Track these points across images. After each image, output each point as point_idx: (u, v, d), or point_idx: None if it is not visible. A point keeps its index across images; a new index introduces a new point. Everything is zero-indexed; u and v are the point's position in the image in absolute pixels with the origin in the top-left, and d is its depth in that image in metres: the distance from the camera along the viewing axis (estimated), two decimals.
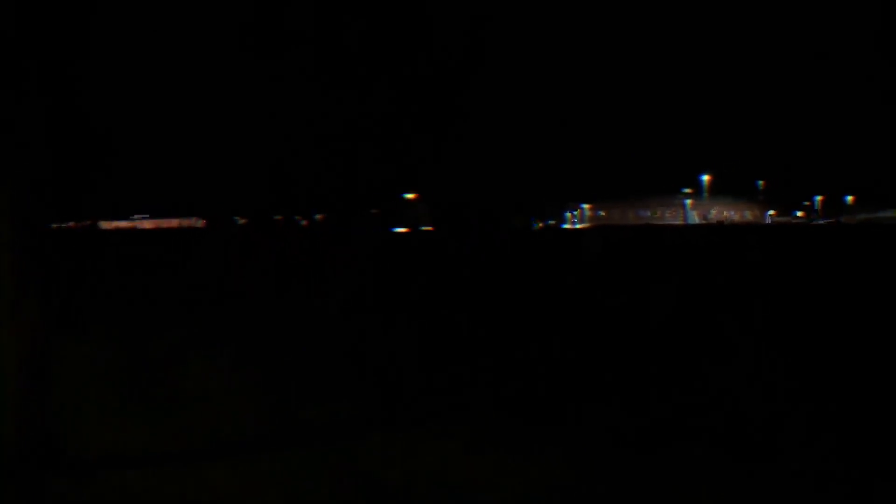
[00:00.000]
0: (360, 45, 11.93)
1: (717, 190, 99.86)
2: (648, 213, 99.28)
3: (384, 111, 12.10)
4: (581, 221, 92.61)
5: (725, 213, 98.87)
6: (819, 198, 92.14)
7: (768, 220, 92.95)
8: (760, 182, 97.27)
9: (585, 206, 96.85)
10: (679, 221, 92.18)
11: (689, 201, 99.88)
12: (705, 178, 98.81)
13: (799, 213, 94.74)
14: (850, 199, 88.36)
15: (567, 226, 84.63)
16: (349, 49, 11.93)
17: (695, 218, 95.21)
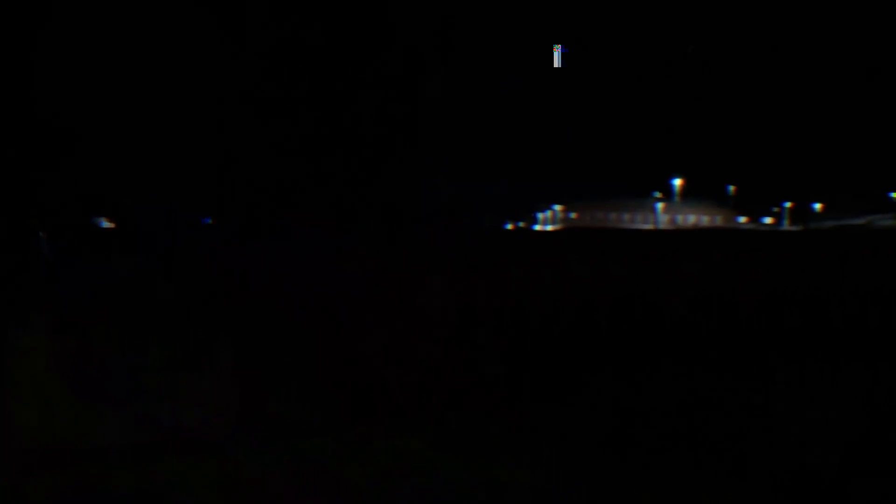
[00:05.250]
0: (323, 46, 12.00)
1: (688, 194, 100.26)
2: (620, 216, 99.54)
3: (350, 113, 12.15)
4: (552, 223, 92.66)
5: (695, 217, 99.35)
6: (788, 204, 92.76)
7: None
8: (731, 187, 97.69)
9: (557, 207, 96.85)
10: (650, 225, 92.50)
11: (659, 205, 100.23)
12: (677, 181, 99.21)
13: (768, 219, 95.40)
14: (818, 206, 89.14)
15: (538, 227, 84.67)
16: (310, 49, 11.99)
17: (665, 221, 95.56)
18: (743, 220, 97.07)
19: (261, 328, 10.44)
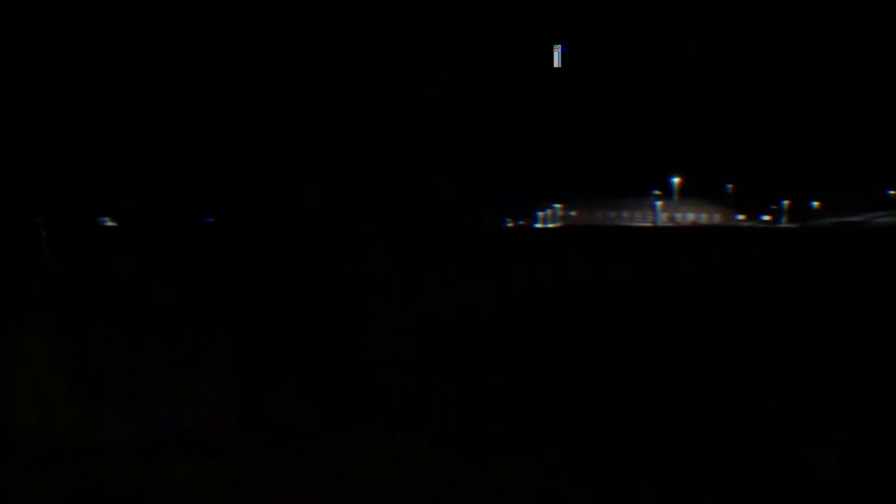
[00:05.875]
0: (323, 46, 12.01)
1: (687, 192, 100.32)
2: (619, 214, 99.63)
3: (350, 113, 12.14)
4: (552, 221, 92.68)
5: (694, 215, 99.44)
6: (786, 202, 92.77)
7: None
8: (730, 185, 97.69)
9: (557, 205, 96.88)
10: (649, 223, 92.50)
11: (658, 203, 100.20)
12: (676, 180, 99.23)
13: (766, 217, 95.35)
14: (816, 204, 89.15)
15: (538, 225, 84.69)
16: (310, 48, 12.00)
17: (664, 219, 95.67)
18: (741, 217, 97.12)
19: (261, 328, 10.44)
